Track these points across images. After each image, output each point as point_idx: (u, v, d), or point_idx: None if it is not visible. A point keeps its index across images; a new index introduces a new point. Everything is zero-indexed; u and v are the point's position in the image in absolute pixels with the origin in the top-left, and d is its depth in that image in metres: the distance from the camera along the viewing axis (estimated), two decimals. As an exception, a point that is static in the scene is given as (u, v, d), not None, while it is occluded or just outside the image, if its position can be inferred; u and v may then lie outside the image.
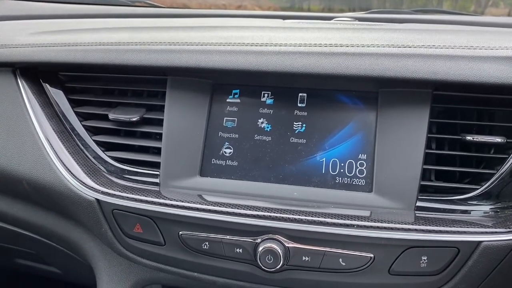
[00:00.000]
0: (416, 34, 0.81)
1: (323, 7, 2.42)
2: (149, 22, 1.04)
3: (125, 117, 0.73)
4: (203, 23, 0.98)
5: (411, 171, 0.64)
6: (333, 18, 1.10)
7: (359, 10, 2.32)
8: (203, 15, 1.21)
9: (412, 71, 0.63)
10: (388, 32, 0.84)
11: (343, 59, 0.66)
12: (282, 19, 1.10)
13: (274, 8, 2.18)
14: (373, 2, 2.40)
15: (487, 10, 1.99)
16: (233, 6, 1.90)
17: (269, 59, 0.68)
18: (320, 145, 0.68)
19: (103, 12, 1.25)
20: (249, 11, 1.36)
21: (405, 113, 0.66)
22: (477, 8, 2.07)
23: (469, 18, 1.14)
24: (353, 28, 0.91)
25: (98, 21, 1.10)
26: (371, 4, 2.39)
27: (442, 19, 1.11)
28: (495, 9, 1.92)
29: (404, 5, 2.39)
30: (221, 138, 0.71)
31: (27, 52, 0.78)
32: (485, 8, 2.03)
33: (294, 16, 1.16)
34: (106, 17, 1.18)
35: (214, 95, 0.73)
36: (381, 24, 0.99)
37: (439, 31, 0.85)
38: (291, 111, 0.70)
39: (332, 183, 0.66)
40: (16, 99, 0.77)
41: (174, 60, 0.70)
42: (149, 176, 0.71)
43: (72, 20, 1.13)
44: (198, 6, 1.85)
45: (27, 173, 0.73)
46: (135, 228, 0.66)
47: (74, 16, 1.21)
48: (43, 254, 1.01)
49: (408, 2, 2.46)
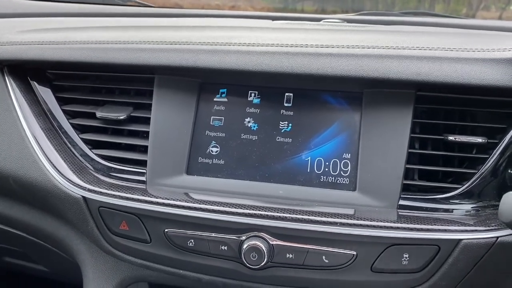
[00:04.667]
0: (402, 36, 0.82)
1: (316, 8, 2.44)
2: (139, 21, 1.04)
3: (113, 115, 0.73)
4: (193, 23, 0.99)
5: (394, 170, 0.65)
6: (321, 20, 1.11)
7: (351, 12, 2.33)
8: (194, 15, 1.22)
9: (395, 72, 0.64)
10: (374, 34, 0.86)
11: (328, 59, 0.67)
12: (272, 19, 1.11)
13: (267, 8, 2.19)
14: (365, 4, 2.42)
15: (478, 13, 2.02)
16: (227, 6, 1.91)
17: (255, 59, 0.69)
18: (305, 144, 0.69)
19: (93, 11, 1.24)
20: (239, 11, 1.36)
21: (389, 113, 0.67)
22: (469, 11, 2.09)
23: (458, 21, 1.15)
24: (340, 30, 0.92)
25: (87, 20, 1.09)
26: (363, 6, 2.41)
27: (431, 21, 1.12)
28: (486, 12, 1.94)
29: (396, 7, 2.41)
30: (208, 136, 0.72)
31: (14, 50, 0.78)
32: (476, 11, 2.05)
33: (284, 17, 1.16)
34: (97, 16, 1.18)
35: (202, 94, 0.73)
36: (368, 26, 1.00)
37: (425, 33, 0.87)
38: (278, 111, 0.71)
39: (317, 182, 0.67)
40: (3, 97, 0.77)
41: (162, 59, 0.71)
42: (135, 174, 0.72)
43: (61, 19, 1.13)
44: (191, 6, 1.85)
45: (13, 170, 0.73)
46: (121, 226, 0.66)
47: (64, 15, 1.20)
48: (30, 252, 1.00)
49: (400, 4, 2.48)
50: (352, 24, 1.03)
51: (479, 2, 2.08)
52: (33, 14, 1.20)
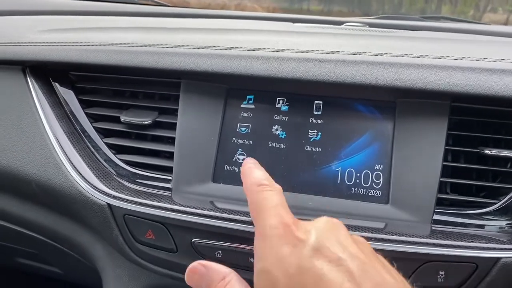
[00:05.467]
0: (433, 44, 0.81)
1: (322, 8, 2.43)
2: (158, 22, 1.03)
3: (138, 120, 0.72)
4: (214, 25, 0.97)
5: (428, 183, 0.63)
6: (343, 23, 1.10)
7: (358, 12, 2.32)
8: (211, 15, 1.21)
9: (432, 82, 0.63)
10: (404, 40, 0.84)
11: (361, 67, 0.65)
12: (292, 22, 1.09)
13: (273, 7, 2.18)
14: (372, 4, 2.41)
15: (485, 15, 2.00)
16: (233, 4, 1.90)
17: (286, 66, 0.67)
18: (335, 154, 0.67)
19: (108, 9, 1.23)
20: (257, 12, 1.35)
21: (423, 124, 0.65)
22: (476, 13, 2.08)
23: (482, 27, 1.13)
24: (366, 35, 0.90)
25: (107, 19, 1.08)
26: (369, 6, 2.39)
27: (455, 27, 1.11)
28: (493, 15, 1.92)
29: (403, 8, 2.40)
30: (235, 144, 0.70)
31: (37, 51, 0.77)
32: (483, 13, 2.03)
33: (304, 20, 1.15)
34: (112, 15, 1.17)
35: (228, 100, 0.71)
36: (393, 31, 0.98)
37: (456, 41, 0.85)
38: (307, 119, 0.69)
39: (348, 194, 0.65)
40: (25, 98, 0.75)
41: (189, 64, 0.69)
42: (161, 181, 0.70)
43: (78, 17, 1.11)
44: (198, 3, 1.84)
45: (36, 174, 0.71)
46: (146, 234, 0.65)
47: (79, 13, 1.19)
48: (44, 254, 0.99)
49: (407, 5, 2.47)
50: (375, 29, 1.02)
51: (486, 4, 2.06)
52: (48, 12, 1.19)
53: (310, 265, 0.39)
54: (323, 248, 0.40)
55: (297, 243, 0.41)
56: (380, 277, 0.39)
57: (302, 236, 0.41)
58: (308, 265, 0.39)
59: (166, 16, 1.18)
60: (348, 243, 0.41)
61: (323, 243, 0.40)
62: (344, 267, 0.38)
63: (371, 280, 0.38)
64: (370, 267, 0.39)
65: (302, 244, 0.40)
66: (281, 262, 0.40)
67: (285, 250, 0.41)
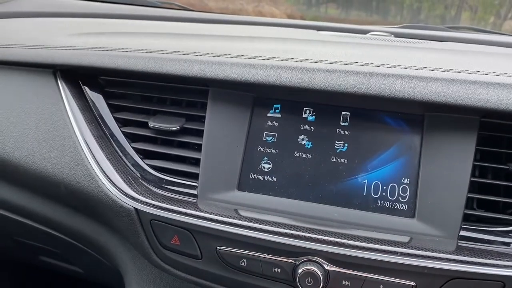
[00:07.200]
0: (461, 56, 0.80)
1: (340, 11, 2.43)
2: (183, 27, 1.04)
3: (166, 126, 0.72)
4: (239, 32, 0.98)
5: (455, 198, 0.63)
6: (367, 32, 1.09)
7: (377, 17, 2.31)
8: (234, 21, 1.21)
9: (462, 97, 0.62)
10: (432, 53, 0.83)
11: (391, 80, 0.65)
12: (317, 30, 1.09)
13: (291, 10, 2.18)
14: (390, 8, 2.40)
15: (506, 22, 1.97)
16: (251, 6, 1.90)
17: (314, 76, 0.67)
18: (362, 166, 0.67)
19: (131, 12, 1.24)
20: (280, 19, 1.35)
21: (451, 138, 0.65)
22: (496, 20, 2.05)
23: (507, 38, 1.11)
24: (394, 46, 0.90)
25: (132, 23, 1.10)
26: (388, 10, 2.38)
27: (480, 38, 1.09)
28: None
29: (421, 14, 2.39)
30: (260, 152, 0.70)
31: (69, 55, 0.78)
32: (504, 20, 2.01)
33: (328, 28, 1.15)
34: (135, 18, 1.18)
35: (255, 109, 0.72)
36: (420, 42, 0.98)
37: (484, 54, 0.84)
38: (333, 130, 0.69)
39: (374, 206, 0.65)
40: (56, 101, 0.77)
41: (218, 72, 0.70)
42: (186, 187, 0.71)
43: (105, 21, 1.13)
44: (216, 6, 1.85)
45: (65, 177, 0.72)
46: (172, 240, 0.66)
47: (103, 16, 1.21)
48: (67, 254, 1.01)
49: (426, 11, 2.45)
50: (401, 39, 1.01)
51: (507, 11, 2.04)
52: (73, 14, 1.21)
53: None
54: None
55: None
56: None
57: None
58: None
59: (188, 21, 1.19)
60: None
61: None
62: None
63: None
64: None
65: None
66: None
67: None
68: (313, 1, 2.52)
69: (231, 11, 1.86)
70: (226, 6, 1.94)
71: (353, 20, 2.03)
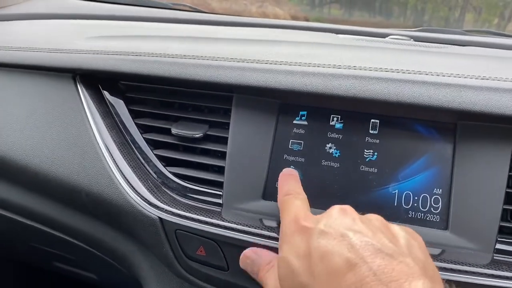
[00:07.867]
0: (489, 62, 0.78)
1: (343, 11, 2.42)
2: (198, 30, 1.02)
3: (189, 132, 0.71)
4: (259, 35, 0.96)
5: (490, 210, 0.61)
6: (386, 35, 1.08)
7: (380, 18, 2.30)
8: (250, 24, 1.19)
9: (498, 106, 0.60)
10: (460, 58, 0.81)
11: (423, 88, 0.63)
12: (335, 33, 1.08)
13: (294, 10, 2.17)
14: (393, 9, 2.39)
15: (510, 24, 1.95)
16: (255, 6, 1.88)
17: (343, 83, 0.66)
18: (392, 176, 0.65)
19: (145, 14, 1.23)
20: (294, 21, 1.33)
21: (486, 148, 0.63)
22: (501, 21, 2.03)
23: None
24: (418, 51, 0.88)
25: (149, 26, 1.08)
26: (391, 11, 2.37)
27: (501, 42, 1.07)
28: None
29: (426, 15, 2.38)
30: (286, 161, 0.69)
31: (89, 59, 0.76)
32: (508, 22, 1.99)
33: (347, 31, 1.13)
34: (148, 20, 1.17)
35: (281, 116, 0.70)
36: (441, 47, 0.96)
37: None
38: (362, 138, 0.67)
39: (405, 217, 0.64)
40: (76, 107, 0.75)
41: (243, 78, 0.68)
42: (210, 195, 0.69)
43: (122, 23, 1.11)
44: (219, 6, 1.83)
45: (87, 185, 0.71)
46: (198, 251, 0.64)
47: (118, 18, 1.20)
48: (84, 261, 0.99)
49: (430, 12, 2.44)
50: (422, 44, 0.99)
51: (511, 13, 2.02)
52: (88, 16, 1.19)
53: (317, 244, 0.44)
54: (329, 230, 0.45)
55: (306, 230, 0.48)
56: (381, 245, 0.42)
57: (311, 225, 0.48)
58: (315, 245, 0.45)
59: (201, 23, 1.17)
60: (355, 222, 0.46)
61: (329, 226, 0.46)
62: (346, 241, 0.43)
63: (371, 249, 0.42)
64: (372, 238, 0.43)
65: (311, 231, 0.47)
66: (293, 248, 0.47)
67: (296, 238, 0.48)
68: (316, 2, 2.51)
69: (234, 12, 1.85)
70: (229, 6, 1.93)
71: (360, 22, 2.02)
